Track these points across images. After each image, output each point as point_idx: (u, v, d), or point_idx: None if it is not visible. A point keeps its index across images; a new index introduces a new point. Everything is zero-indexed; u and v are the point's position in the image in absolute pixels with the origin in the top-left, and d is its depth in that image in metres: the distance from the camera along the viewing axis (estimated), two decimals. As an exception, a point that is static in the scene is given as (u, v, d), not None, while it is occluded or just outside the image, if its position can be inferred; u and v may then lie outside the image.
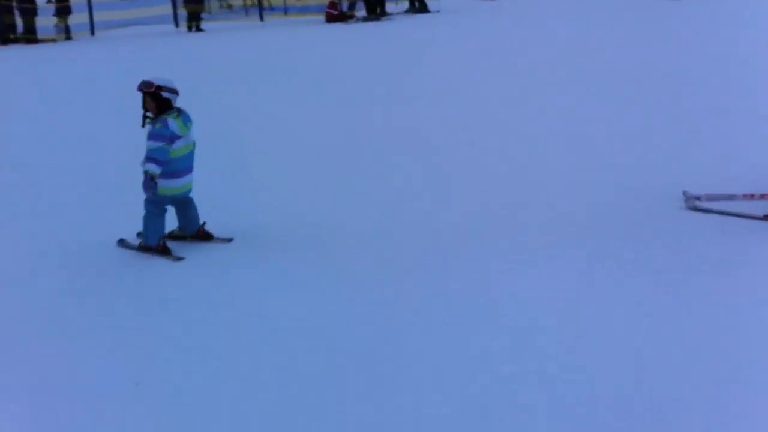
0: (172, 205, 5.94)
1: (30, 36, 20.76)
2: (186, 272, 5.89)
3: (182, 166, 5.68)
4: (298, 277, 5.65)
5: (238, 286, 5.55)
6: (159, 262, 6.04)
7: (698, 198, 6.38)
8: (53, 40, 20.93)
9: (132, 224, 6.48)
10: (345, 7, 23.95)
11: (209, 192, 7.40)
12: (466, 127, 10.37)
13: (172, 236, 6.08)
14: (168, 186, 5.64)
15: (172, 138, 5.51)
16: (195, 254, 6.15)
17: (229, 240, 6.12)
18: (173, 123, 5.49)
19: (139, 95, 5.73)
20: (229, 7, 26.68)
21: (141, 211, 6.16)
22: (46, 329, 5.05)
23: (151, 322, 5.07)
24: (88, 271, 6.03)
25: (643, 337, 4.47)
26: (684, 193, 6.45)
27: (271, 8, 24.80)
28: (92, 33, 21.56)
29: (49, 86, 14.83)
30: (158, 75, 5.86)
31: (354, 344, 4.57)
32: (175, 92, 5.56)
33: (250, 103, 12.89)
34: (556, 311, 4.85)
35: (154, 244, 5.75)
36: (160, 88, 5.52)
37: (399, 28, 20.08)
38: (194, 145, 5.84)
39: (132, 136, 6.12)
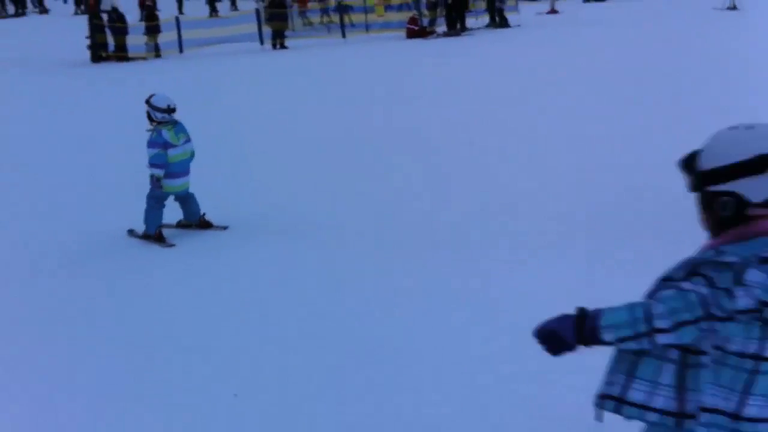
0: (175, 201, 6.65)
1: (121, 54, 21.40)
2: (185, 269, 5.94)
3: (179, 170, 6.46)
4: (298, 278, 5.65)
5: (239, 285, 5.56)
6: (156, 259, 6.17)
7: None
8: (143, 58, 21.57)
9: (130, 222, 6.59)
10: (425, 22, 23.92)
11: (215, 191, 7.51)
12: (467, 126, 10.39)
13: (181, 225, 6.81)
14: (168, 185, 6.44)
15: (166, 145, 6.34)
16: (199, 247, 6.32)
17: (225, 227, 6.73)
18: (166, 133, 6.35)
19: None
20: (310, 24, 26.97)
21: (139, 213, 6.58)
22: (46, 329, 5.05)
23: (151, 320, 5.07)
24: (88, 271, 6.05)
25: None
26: None
27: (352, 25, 24.94)
28: (180, 51, 22.08)
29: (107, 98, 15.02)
30: (165, 93, 6.62)
31: (353, 344, 4.57)
32: (158, 110, 6.40)
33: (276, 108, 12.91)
34: (556, 311, 4.84)
35: (152, 232, 6.46)
36: (147, 102, 6.49)
37: (477, 44, 19.99)
38: (192, 153, 6.62)
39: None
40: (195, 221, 6.69)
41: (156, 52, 21.94)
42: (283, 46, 22.12)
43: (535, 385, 4.00)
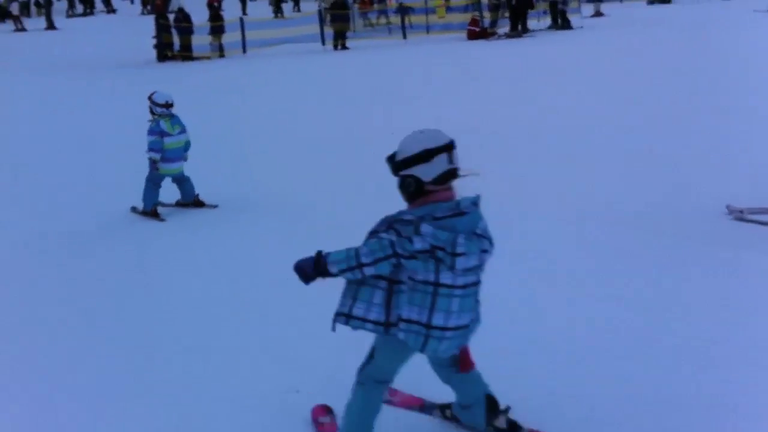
0: (173, 182, 7.45)
1: (186, 54, 21.92)
2: (182, 251, 5.95)
3: (174, 155, 7.29)
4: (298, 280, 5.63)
5: (239, 285, 5.56)
6: (154, 257, 6.29)
7: (741, 211, 6.36)
8: (207, 57, 22.04)
9: (129, 222, 6.68)
10: (487, 23, 23.68)
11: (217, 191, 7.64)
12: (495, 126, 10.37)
13: (179, 204, 7.60)
14: (164, 167, 7.27)
15: (162, 134, 7.17)
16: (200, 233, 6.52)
17: (215, 206, 7.50)
18: (163, 124, 7.22)
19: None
20: (371, 25, 27.14)
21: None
22: (46, 329, 5.04)
23: (151, 320, 5.07)
24: (88, 272, 6.05)
25: (647, 338, 4.47)
26: (727, 206, 6.43)
27: (411, 26, 25.02)
28: (244, 51, 22.56)
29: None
30: (164, 91, 7.41)
31: (354, 344, 4.54)
32: (157, 104, 7.24)
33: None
34: (557, 309, 4.85)
35: (148, 209, 7.29)
36: (149, 98, 7.34)
37: (535, 45, 19.94)
38: (186, 142, 7.40)
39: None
40: (190, 201, 7.54)
41: (220, 51, 22.40)
42: (344, 47, 22.39)
43: (538, 382, 4.00)
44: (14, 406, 4.13)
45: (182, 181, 7.48)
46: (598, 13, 27.23)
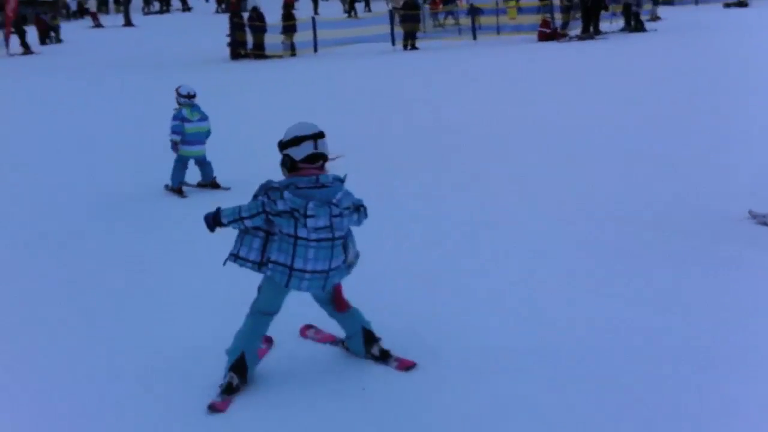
0: (195, 165, 8.43)
1: (258, 52, 22.37)
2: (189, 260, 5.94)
3: (193, 139, 8.27)
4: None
5: (239, 285, 5.54)
6: (156, 255, 6.27)
7: (764, 216, 6.34)
8: (279, 56, 22.46)
9: (130, 221, 6.58)
10: (558, 25, 23.45)
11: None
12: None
13: (200, 185, 8.54)
14: (184, 149, 8.26)
15: (183, 120, 8.18)
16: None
17: (228, 188, 8.34)
18: (185, 111, 8.23)
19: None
20: (441, 26, 27.30)
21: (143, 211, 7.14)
22: (46, 329, 5.04)
23: (151, 320, 5.07)
24: (88, 271, 6.04)
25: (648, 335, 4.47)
26: (749, 212, 6.42)
27: (479, 27, 25.04)
28: (315, 50, 22.88)
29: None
30: (188, 84, 8.35)
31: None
32: (181, 95, 8.24)
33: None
34: (563, 314, 4.86)
35: (175, 186, 8.33)
36: (176, 90, 8.32)
37: (606, 47, 19.82)
38: (207, 129, 8.38)
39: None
40: (208, 182, 8.49)
41: (292, 50, 22.84)
42: (413, 47, 22.51)
43: (541, 380, 4.00)
44: (14, 406, 4.13)
45: (203, 163, 8.45)
46: (654, 17, 26.48)
